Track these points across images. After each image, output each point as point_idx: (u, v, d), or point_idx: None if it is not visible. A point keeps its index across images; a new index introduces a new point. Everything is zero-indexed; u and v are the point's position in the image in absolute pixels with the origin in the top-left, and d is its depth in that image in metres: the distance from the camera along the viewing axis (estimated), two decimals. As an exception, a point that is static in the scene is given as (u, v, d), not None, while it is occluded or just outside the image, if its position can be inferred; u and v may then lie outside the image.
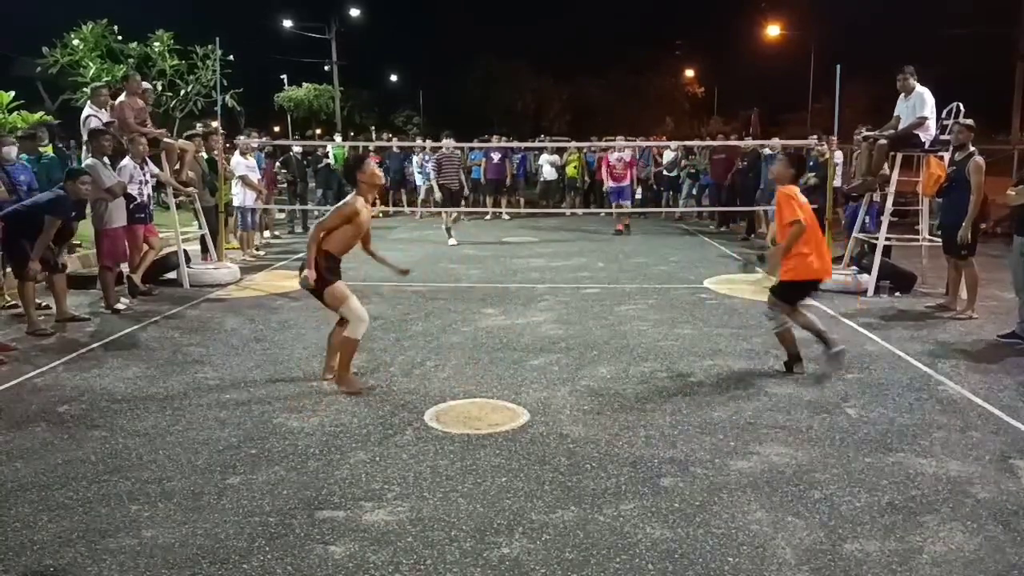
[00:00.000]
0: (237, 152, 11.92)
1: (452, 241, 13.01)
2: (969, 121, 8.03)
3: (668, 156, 17.64)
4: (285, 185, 16.10)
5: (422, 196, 18.02)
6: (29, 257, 6.86)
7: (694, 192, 16.74)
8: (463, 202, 13.68)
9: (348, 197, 5.64)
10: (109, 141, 8.31)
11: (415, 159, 18.10)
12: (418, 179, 18.00)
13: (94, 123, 8.73)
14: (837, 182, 10.97)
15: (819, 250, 5.88)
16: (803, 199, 5.90)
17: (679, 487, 4.05)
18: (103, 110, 9.00)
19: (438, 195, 13.60)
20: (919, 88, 8.61)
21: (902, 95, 8.79)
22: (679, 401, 5.35)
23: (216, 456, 4.41)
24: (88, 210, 8.10)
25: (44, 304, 7.66)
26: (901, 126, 8.77)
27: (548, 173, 18.79)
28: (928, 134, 8.56)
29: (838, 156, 11.71)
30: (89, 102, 9.23)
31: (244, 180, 11.58)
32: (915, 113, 8.55)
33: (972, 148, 7.84)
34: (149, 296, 8.71)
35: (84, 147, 8.94)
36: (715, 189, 16.05)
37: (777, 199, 6.01)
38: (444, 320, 7.70)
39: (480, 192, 17.89)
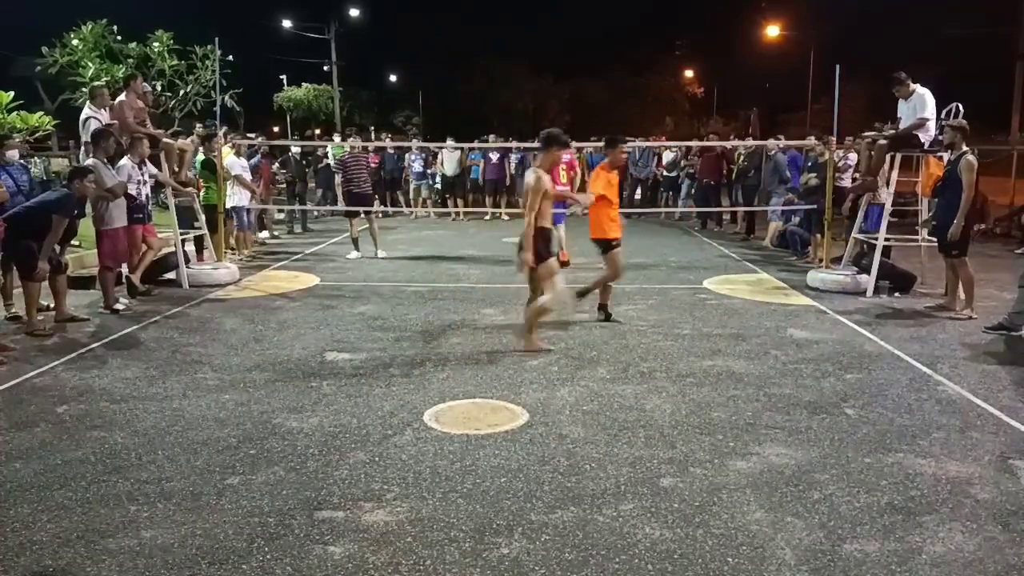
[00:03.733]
0: (232, 152, 11.89)
1: (354, 254, 11.78)
2: (958, 122, 8.11)
3: (668, 156, 17.67)
4: (284, 185, 16.09)
5: (412, 196, 18.09)
6: (36, 257, 6.85)
7: (693, 192, 16.76)
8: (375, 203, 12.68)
9: (532, 174, 6.23)
10: (113, 141, 8.30)
11: (406, 158, 18.13)
12: (412, 178, 18.07)
13: (94, 125, 8.71)
14: (847, 183, 11.00)
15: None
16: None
17: (678, 487, 4.05)
18: (103, 111, 8.98)
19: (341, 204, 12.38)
20: (920, 89, 8.61)
21: (900, 99, 8.79)
22: (678, 401, 5.35)
23: (215, 456, 4.41)
24: (88, 209, 8.10)
25: (47, 305, 7.65)
26: (901, 126, 8.79)
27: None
28: (927, 135, 8.57)
29: (852, 157, 11.73)
30: (89, 103, 9.20)
31: (238, 179, 11.56)
32: (916, 114, 8.56)
33: (965, 148, 7.91)
34: (148, 296, 8.71)
35: (83, 148, 8.93)
36: (700, 189, 16.09)
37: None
38: (443, 320, 7.70)
39: (479, 192, 17.91)
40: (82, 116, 9.06)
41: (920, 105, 8.53)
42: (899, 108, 8.87)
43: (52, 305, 7.59)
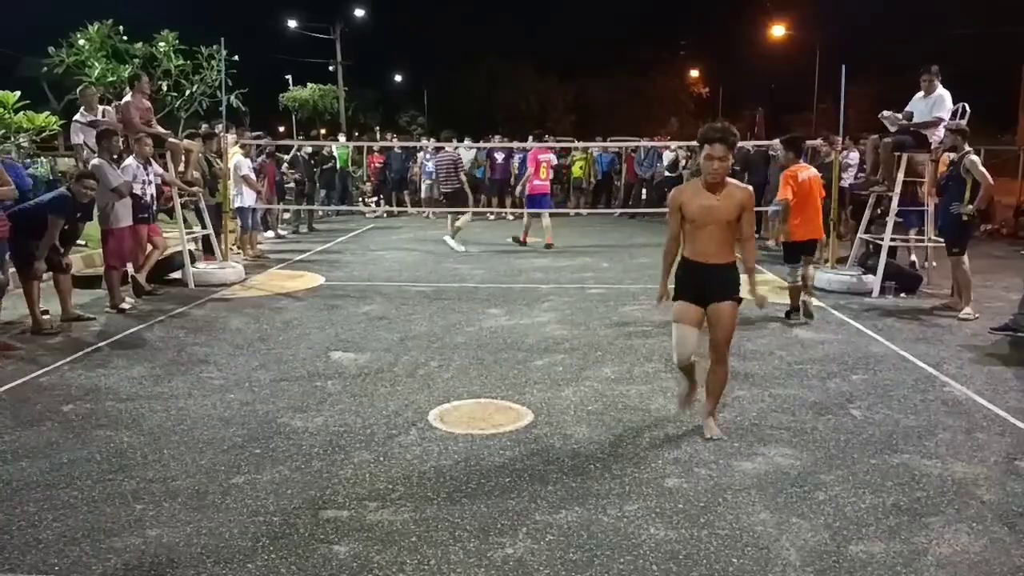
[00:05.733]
0: (239, 152, 11.90)
1: (461, 247, 12.64)
2: (956, 124, 8.19)
3: (668, 156, 17.60)
4: (292, 185, 16.10)
5: (424, 195, 18.02)
6: (34, 256, 6.89)
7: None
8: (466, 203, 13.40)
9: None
10: (117, 141, 8.32)
11: (419, 158, 18.12)
12: (425, 178, 18.03)
13: (74, 129, 8.80)
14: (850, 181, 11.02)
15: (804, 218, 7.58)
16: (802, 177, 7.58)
17: (683, 488, 4.04)
18: (98, 109, 9.03)
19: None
20: (940, 90, 8.59)
21: (921, 92, 8.74)
22: (683, 402, 5.34)
23: (220, 456, 4.42)
24: (95, 211, 8.12)
25: (44, 309, 7.65)
26: (914, 121, 8.75)
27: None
28: (936, 135, 8.57)
29: (853, 156, 11.66)
30: (82, 109, 9.24)
31: (246, 180, 11.57)
32: (932, 113, 8.53)
33: (967, 148, 8.02)
34: (153, 296, 8.73)
35: (74, 150, 8.99)
36: None
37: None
38: (448, 320, 7.70)
39: (484, 192, 17.90)
40: (73, 118, 9.17)
41: (938, 105, 8.51)
42: (912, 103, 8.79)
43: (45, 309, 7.55)
